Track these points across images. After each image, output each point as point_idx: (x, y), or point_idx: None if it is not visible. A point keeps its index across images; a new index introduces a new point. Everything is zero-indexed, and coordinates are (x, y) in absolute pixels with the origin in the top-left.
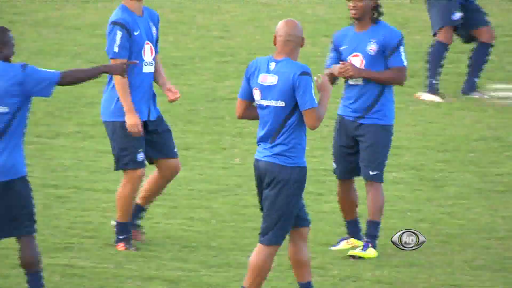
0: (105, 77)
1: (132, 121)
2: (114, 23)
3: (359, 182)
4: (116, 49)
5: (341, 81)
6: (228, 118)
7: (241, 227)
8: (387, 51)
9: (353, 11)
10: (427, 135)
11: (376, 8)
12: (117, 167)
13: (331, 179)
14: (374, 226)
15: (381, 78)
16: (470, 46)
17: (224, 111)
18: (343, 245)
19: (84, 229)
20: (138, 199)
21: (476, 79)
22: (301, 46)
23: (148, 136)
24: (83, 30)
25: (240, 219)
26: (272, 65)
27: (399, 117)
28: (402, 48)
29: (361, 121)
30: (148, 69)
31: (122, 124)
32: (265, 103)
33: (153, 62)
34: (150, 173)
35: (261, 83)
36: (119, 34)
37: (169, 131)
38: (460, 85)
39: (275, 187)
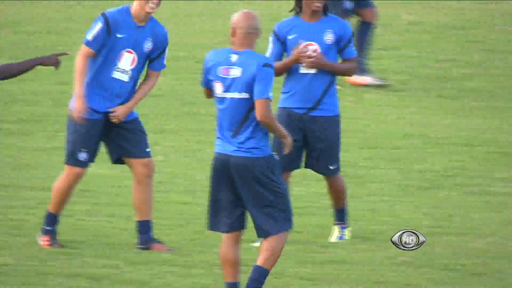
0: (28, 74)
1: (77, 106)
2: (102, 14)
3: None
4: (89, 37)
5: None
6: (151, 115)
7: (164, 224)
8: (343, 43)
9: (318, 4)
10: (350, 131)
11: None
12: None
13: None
14: (343, 211)
15: (340, 69)
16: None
17: (147, 108)
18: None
19: (7, 226)
20: (137, 216)
21: (365, 60)
22: (258, 37)
23: (119, 135)
24: (5, 27)
25: (163, 216)
26: (234, 57)
27: None
28: (353, 40)
29: (313, 113)
30: (119, 75)
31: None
32: (228, 95)
33: (130, 72)
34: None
35: (223, 76)
36: (99, 25)
37: (143, 132)
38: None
39: (259, 181)
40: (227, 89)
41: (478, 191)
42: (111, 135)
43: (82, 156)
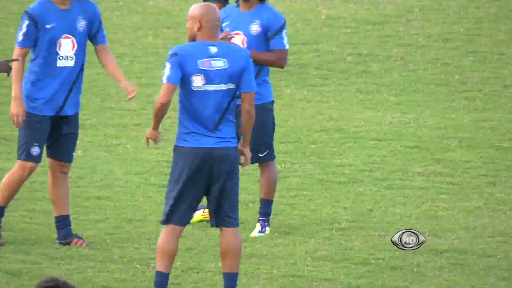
0: None
1: (14, 110)
2: (25, 12)
3: None
4: (19, 38)
5: None
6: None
7: (83, 219)
8: (270, 33)
9: None
10: None
11: None
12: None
13: None
14: (269, 204)
15: (263, 59)
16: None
17: None
18: (198, 216)
19: None
20: (56, 212)
21: None
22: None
23: (58, 136)
24: None
25: (82, 211)
26: (214, 49)
27: None
28: (284, 32)
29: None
30: (64, 63)
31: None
32: (211, 87)
33: (74, 57)
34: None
35: (204, 68)
36: (25, 24)
37: (74, 134)
38: (304, 76)
39: (234, 171)
40: (210, 82)
41: (397, 185)
42: (53, 133)
43: (35, 150)
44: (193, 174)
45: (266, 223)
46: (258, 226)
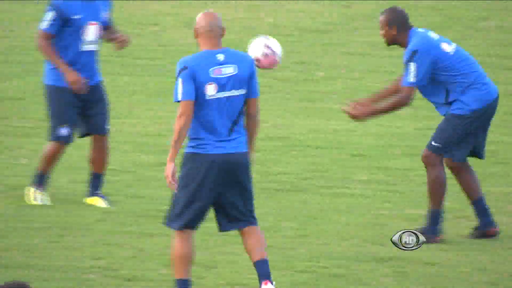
0: None
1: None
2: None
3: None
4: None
5: None
6: (14, 118)
7: (27, 227)
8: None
9: None
10: None
11: None
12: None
13: (118, 179)
14: (102, 177)
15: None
16: None
17: (10, 111)
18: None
19: None
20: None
21: None
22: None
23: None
24: None
25: (27, 219)
26: (221, 56)
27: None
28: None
29: (90, 83)
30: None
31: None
32: (223, 94)
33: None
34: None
35: (216, 76)
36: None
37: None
38: None
39: (250, 174)
40: (223, 89)
41: (339, 193)
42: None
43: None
44: (208, 180)
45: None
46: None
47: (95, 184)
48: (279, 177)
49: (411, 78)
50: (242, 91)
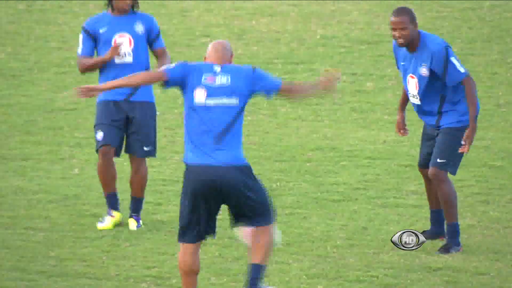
0: None
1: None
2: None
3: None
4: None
5: None
6: (67, 128)
7: (80, 237)
8: (152, 35)
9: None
10: (263, 145)
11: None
12: None
13: (169, 189)
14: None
15: None
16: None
17: (63, 121)
18: (108, 222)
19: None
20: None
21: None
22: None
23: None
24: None
25: (79, 229)
26: (218, 68)
27: None
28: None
29: (132, 98)
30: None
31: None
32: (212, 102)
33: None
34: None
35: (207, 83)
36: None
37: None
38: None
39: (245, 185)
40: (211, 96)
41: (390, 203)
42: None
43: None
44: (198, 192)
45: (139, 217)
46: (133, 222)
47: (132, 206)
48: (329, 187)
49: (462, 68)
50: (234, 100)
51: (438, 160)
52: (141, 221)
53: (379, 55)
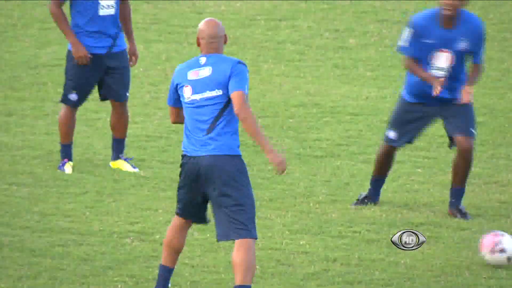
0: None
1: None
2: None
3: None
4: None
5: None
6: (51, 84)
7: (63, 193)
8: None
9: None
10: None
11: None
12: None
13: (152, 145)
14: (123, 142)
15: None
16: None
17: (47, 77)
18: (68, 168)
19: None
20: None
21: None
22: (225, 43)
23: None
24: None
25: (63, 184)
26: (203, 60)
27: None
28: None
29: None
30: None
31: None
32: (198, 97)
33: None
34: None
35: (192, 79)
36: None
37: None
38: (281, 52)
39: (234, 179)
40: (197, 91)
41: (373, 159)
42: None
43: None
44: (186, 180)
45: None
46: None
47: (118, 148)
48: (312, 143)
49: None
50: (217, 92)
51: (473, 130)
52: (131, 161)
53: (361, 12)
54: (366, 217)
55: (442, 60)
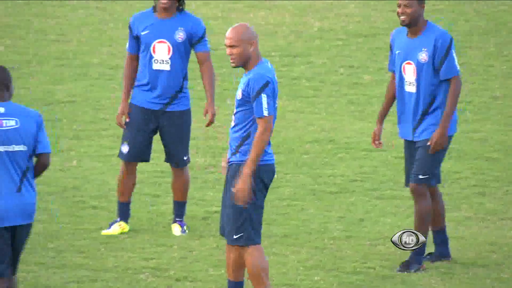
0: None
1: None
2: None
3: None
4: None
5: None
6: (65, 121)
7: (78, 229)
8: (194, 40)
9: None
10: None
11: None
12: None
13: (167, 181)
14: (182, 205)
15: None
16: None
17: (61, 114)
18: (115, 228)
19: None
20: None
21: None
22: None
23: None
24: None
25: (77, 220)
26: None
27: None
28: (206, 36)
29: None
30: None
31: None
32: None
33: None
34: None
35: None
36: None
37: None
38: (295, 88)
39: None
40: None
41: (387, 195)
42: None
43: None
44: (266, 189)
45: (183, 222)
46: (178, 228)
47: (175, 210)
48: (326, 179)
49: (457, 66)
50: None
51: (420, 177)
52: (185, 226)
53: (376, 48)
54: (381, 253)
55: (409, 73)
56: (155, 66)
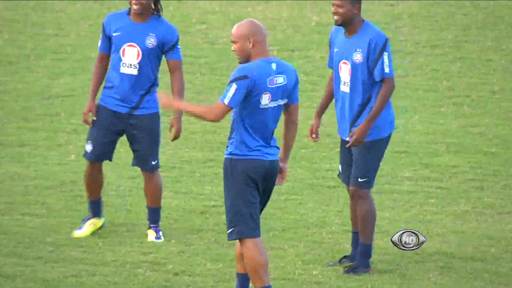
0: None
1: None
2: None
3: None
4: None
5: None
6: (64, 115)
7: (76, 223)
8: (166, 47)
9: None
10: None
11: (156, 3)
12: None
13: (165, 175)
14: (156, 211)
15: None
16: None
17: (60, 108)
18: (87, 228)
19: None
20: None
21: None
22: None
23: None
24: None
25: (75, 214)
26: (274, 66)
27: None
28: (178, 44)
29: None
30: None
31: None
32: (272, 104)
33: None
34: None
35: (271, 86)
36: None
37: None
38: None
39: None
40: (274, 99)
41: (385, 189)
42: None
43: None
44: (257, 184)
45: (157, 228)
46: (152, 234)
47: (148, 216)
48: (325, 173)
49: (391, 68)
50: (283, 101)
51: (360, 180)
52: (160, 232)
53: None
54: (379, 247)
55: (344, 73)
56: (123, 70)
